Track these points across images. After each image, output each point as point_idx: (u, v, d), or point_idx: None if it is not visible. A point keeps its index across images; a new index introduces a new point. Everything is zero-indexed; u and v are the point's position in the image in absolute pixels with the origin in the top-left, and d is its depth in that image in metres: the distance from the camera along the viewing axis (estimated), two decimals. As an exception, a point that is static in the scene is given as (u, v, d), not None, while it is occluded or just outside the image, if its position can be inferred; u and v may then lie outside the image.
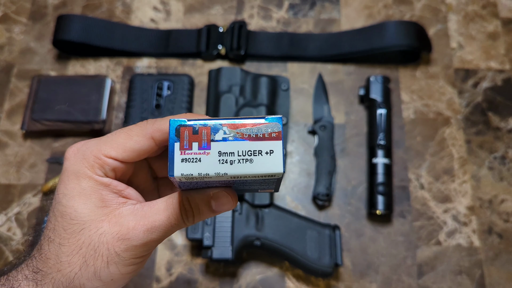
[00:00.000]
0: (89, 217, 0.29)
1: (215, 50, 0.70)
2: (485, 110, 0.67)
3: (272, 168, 0.28)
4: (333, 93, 0.69)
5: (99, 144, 0.31)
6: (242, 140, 0.28)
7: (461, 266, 0.59)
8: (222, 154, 0.28)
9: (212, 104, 0.65)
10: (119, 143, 0.30)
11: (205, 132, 0.28)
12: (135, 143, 0.30)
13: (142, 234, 0.29)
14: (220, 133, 0.28)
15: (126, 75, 0.70)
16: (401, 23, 0.69)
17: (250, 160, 0.28)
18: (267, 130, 0.29)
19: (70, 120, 0.64)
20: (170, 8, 0.74)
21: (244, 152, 0.28)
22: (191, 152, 0.28)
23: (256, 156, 0.28)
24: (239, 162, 0.28)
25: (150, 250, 0.31)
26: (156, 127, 0.30)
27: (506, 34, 0.72)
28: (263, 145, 0.28)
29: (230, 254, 0.55)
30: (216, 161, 0.28)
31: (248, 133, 0.28)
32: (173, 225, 0.30)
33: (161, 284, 0.59)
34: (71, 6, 0.74)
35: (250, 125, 0.29)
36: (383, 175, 0.61)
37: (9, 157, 0.65)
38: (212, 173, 0.28)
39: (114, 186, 0.31)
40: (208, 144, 0.28)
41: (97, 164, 0.30)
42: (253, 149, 0.28)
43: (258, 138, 0.28)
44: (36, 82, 0.66)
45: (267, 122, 0.29)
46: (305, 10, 0.74)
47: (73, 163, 0.30)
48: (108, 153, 0.30)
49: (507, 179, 0.64)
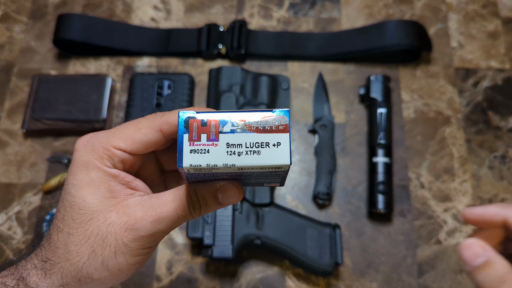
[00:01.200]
0: (98, 207, 0.30)
1: (215, 49, 0.70)
2: (485, 109, 0.68)
3: (279, 160, 0.29)
4: (333, 92, 0.69)
5: (108, 135, 0.31)
6: (250, 132, 0.29)
7: (461, 265, 0.59)
8: (230, 146, 0.29)
9: (213, 103, 0.65)
10: (128, 135, 0.31)
11: (214, 124, 0.28)
12: (144, 135, 0.31)
13: (150, 224, 0.30)
14: (229, 125, 0.29)
15: (127, 74, 0.70)
16: (402, 23, 0.69)
17: (257, 152, 0.29)
18: (274, 122, 0.29)
19: (70, 119, 0.64)
20: (170, 7, 0.74)
21: (252, 144, 0.29)
22: (200, 143, 0.28)
23: (263, 148, 0.29)
24: (247, 154, 0.29)
25: (157, 241, 0.32)
26: (164, 120, 0.31)
27: (506, 33, 0.72)
28: (270, 137, 0.29)
29: (230, 253, 0.56)
30: (224, 153, 0.28)
31: (256, 126, 0.29)
32: (180, 217, 0.30)
33: (161, 283, 0.59)
34: (72, 5, 0.74)
35: (258, 117, 0.29)
36: (383, 174, 0.61)
37: (9, 156, 0.65)
38: (220, 164, 0.28)
39: (122, 177, 0.31)
40: (216, 136, 0.28)
41: (106, 155, 0.30)
42: (261, 141, 0.29)
43: (265, 130, 0.29)
44: (36, 81, 0.66)
45: (275, 115, 0.29)
46: (306, 10, 0.74)
47: (82, 154, 0.31)
48: (117, 144, 0.30)
49: (507, 178, 0.64)
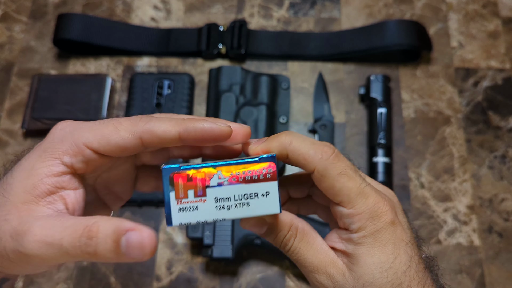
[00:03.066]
0: (14, 196, 0.27)
1: (215, 49, 0.70)
2: (485, 109, 0.68)
3: (269, 209, 0.29)
4: (333, 92, 0.69)
5: (84, 130, 0.29)
6: (238, 184, 0.28)
7: (461, 265, 0.59)
8: (219, 200, 0.28)
9: (213, 103, 0.65)
10: (104, 135, 0.28)
11: (200, 179, 0.28)
12: (121, 138, 0.28)
13: (34, 244, 0.26)
14: (215, 178, 0.28)
15: (127, 74, 0.70)
16: (402, 22, 0.69)
17: (247, 204, 0.28)
18: (262, 171, 0.28)
19: (70, 118, 0.64)
20: (170, 7, 0.74)
21: (241, 196, 0.28)
22: (188, 200, 0.28)
23: (252, 199, 0.28)
24: (236, 207, 0.28)
25: (40, 267, 0.28)
26: (147, 128, 0.28)
27: (506, 33, 0.72)
28: (258, 187, 0.28)
29: (230, 253, 0.56)
30: (213, 208, 0.28)
31: (243, 176, 0.28)
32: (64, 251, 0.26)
33: (161, 283, 0.59)
34: (72, 4, 0.74)
35: (245, 167, 0.28)
36: (383, 174, 0.61)
37: (9, 155, 0.65)
38: (210, 220, 0.28)
39: (62, 181, 0.28)
40: (203, 191, 0.28)
41: (71, 150, 0.28)
42: (249, 192, 0.28)
43: (253, 180, 0.28)
44: (36, 81, 0.66)
45: (261, 163, 0.28)
46: (306, 9, 0.74)
47: (49, 139, 0.29)
48: (90, 143, 0.28)
49: (507, 178, 0.64)
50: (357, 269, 0.28)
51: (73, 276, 0.59)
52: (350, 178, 0.29)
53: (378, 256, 0.28)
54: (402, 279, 0.28)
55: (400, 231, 0.29)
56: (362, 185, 0.29)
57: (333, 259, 0.30)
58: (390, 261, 0.28)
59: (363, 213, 0.29)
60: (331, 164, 0.29)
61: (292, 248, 0.30)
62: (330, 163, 0.29)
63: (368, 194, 0.29)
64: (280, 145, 0.29)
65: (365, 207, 0.29)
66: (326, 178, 0.29)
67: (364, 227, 0.29)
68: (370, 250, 0.28)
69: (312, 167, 0.29)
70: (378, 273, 0.28)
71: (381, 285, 0.28)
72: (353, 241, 0.29)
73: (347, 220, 0.29)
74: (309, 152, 0.29)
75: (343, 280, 0.29)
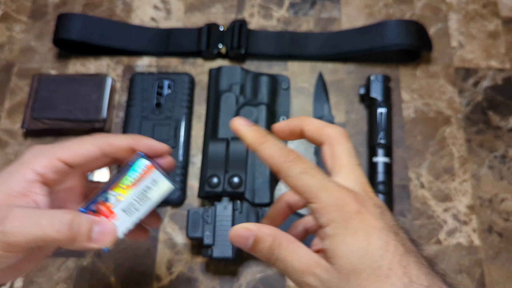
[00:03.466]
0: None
1: (215, 49, 0.70)
2: (485, 109, 0.68)
3: (164, 190, 0.36)
4: (333, 92, 0.69)
5: (55, 147, 0.36)
6: (131, 190, 0.35)
7: (461, 265, 0.59)
8: (126, 210, 0.35)
9: (213, 103, 0.65)
10: (70, 148, 0.35)
11: (104, 208, 0.35)
12: (85, 150, 0.36)
13: (15, 223, 0.31)
14: (112, 199, 0.35)
15: (127, 74, 0.70)
16: (402, 22, 0.69)
17: (147, 198, 0.35)
18: (139, 170, 0.35)
19: (70, 118, 0.64)
20: (170, 7, 0.74)
21: (139, 196, 0.35)
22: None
23: (148, 192, 0.35)
24: (141, 204, 0.35)
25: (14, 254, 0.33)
26: (105, 140, 0.36)
27: (506, 33, 0.72)
28: (145, 183, 0.35)
29: (230, 252, 0.56)
30: (126, 217, 0.35)
31: (130, 183, 0.35)
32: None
33: (161, 283, 0.59)
34: (72, 4, 0.74)
35: (126, 177, 0.35)
36: (383, 174, 0.61)
37: (9, 155, 0.65)
38: (131, 226, 0.35)
39: (33, 187, 0.34)
40: (111, 212, 0.35)
41: (46, 162, 0.34)
42: (142, 189, 0.35)
43: (139, 180, 0.35)
44: (36, 81, 0.66)
45: (134, 165, 0.35)
46: (306, 9, 0.74)
47: (26, 156, 0.35)
48: (61, 156, 0.35)
49: (507, 178, 0.64)
50: (338, 261, 0.29)
51: (73, 276, 0.59)
52: (312, 175, 0.31)
53: (352, 243, 0.29)
54: (380, 262, 0.29)
55: (369, 219, 0.30)
56: (323, 181, 0.31)
57: (317, 260, 0.31)
58: (365, 247, 0.29)
59: (329, 206, 0.30)
60: (294, 165, 0.32)
61: (277, 257, 0.32)
62: (292, 164, 0.32)
63: (330, 189, 0.31)
64: (251, 145, 0.34)
65: (329, 200, 0.30)
66: (290, 178, 0.32)
67: (332, 219, 0.30)
68: (344, 239, 0.30)
69: (276, 169, 0.32)
70: (356, 259, 0.29)
71: (362, 271, 0.29)
72: (328, 236, 0.30)
73: (317, 216, 0.31)
74: (274, 155, 0.33)
75: (329, 276, 0.30)
